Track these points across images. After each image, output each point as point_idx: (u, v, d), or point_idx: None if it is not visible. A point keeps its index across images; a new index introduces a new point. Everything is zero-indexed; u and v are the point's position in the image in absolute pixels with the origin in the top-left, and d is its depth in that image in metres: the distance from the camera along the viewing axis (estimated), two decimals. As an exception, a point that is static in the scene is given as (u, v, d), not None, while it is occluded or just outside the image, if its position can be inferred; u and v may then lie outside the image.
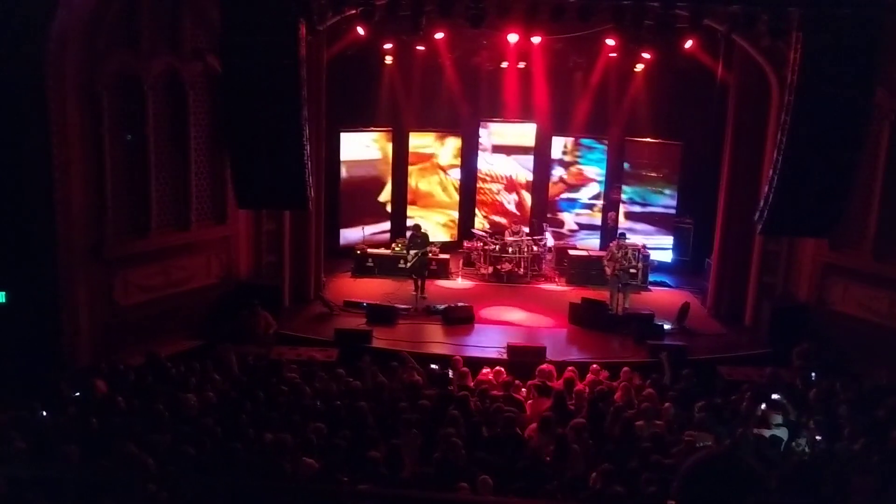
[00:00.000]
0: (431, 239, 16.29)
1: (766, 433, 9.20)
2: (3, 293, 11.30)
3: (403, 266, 15.97)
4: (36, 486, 6.62)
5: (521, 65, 17.73)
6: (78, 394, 9.58)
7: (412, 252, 15.43)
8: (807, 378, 11.68)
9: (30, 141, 11.27)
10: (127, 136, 12.73)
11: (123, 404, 9.06)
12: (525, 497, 7.02)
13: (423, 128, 18.33)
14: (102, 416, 8.72)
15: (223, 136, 12.76)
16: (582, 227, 18.58)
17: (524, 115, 18.49)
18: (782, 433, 9.24)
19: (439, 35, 15.79)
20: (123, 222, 12.78)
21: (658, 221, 17.92)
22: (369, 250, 17.19)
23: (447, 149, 18.63)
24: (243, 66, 11.25)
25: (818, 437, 9.02)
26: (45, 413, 8.62)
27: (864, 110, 11.14)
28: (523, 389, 10.87)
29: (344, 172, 17.56)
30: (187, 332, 13.26)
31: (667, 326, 14.18)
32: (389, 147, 18.21)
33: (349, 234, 17.72)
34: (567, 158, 18.62)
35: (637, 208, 18.09)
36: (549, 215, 18.57)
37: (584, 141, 18.36)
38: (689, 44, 14.69)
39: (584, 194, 18.60)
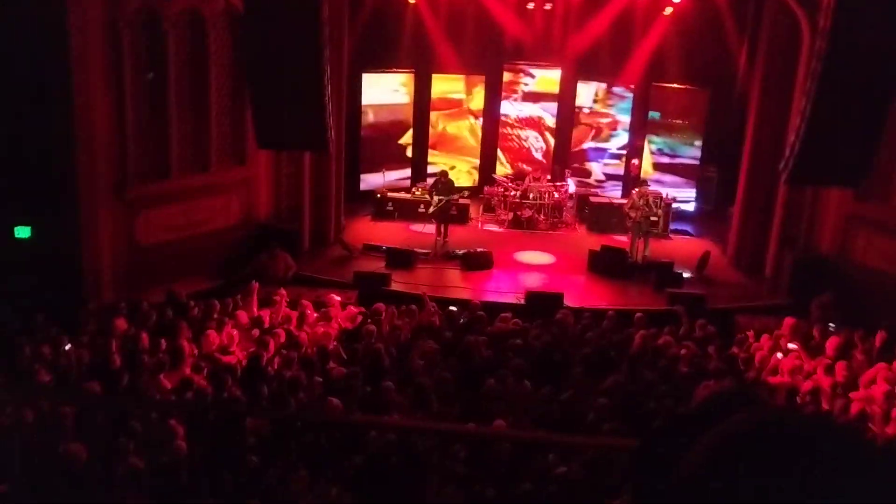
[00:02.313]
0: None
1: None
2: (28, 228, 11.45)
3: (424, 211, 15.92)
4: (61, 419, 6.78)
5: (548, 6, 17.40)
6: (100, 330, 9.72)
7: (437, 198, 15.35)
8: (825, 329, 11.61)
9: (52, 78, 11.27)
10: (148, 75, 12.69)
11: (147, 341, 9.20)
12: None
13: (446, 69, 18.08)
14: (125, 352, 8.87)
15: (244, 75, 12.68)
16: (609, 177, 18.37)
17: (549, 59, 18.18)
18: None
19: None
20: (145, 162, 12.82)
21: (685, 172, 17.67)
22: (389, 194, 17.15)
23: (478, 95, 18.41)
24: (265, 5, 11.13)
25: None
26: (68, 347, 8.76)
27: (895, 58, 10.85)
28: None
29: (370, 117, 17.43)
30: (207, 272, 13.37)
31: (686, 275, 14.12)
32: (411, 88, 17.98)
33: (370, 179, 17.66)
34: (598, 108, 18.32)
35: (665, 159, 17.84)
36: (575, 165, 18.35)
37: (616, 89, 18.03)
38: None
39: (614, 144, 18.35)
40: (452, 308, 11.84)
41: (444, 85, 18.17)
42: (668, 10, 16.89)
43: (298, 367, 8.85)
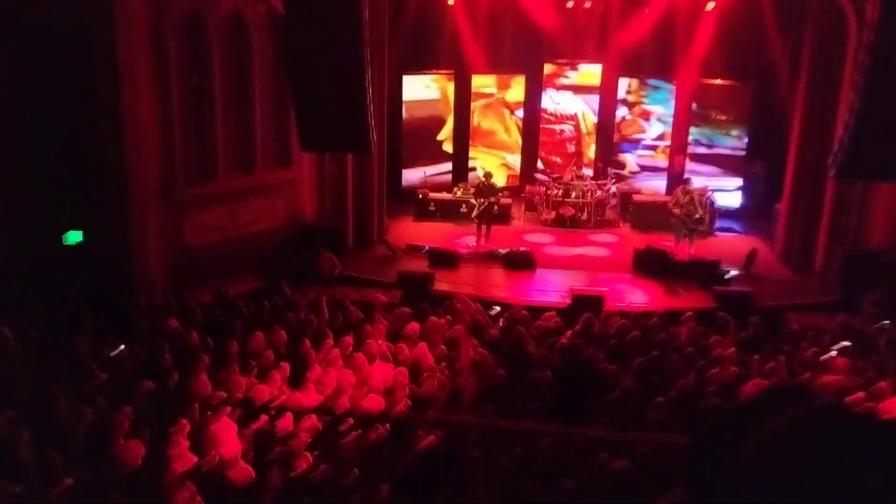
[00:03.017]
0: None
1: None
2: (81, 232, 11.71)
3: (466, 211, 15.93)
4: (118, 417, 6.93)
5: (588, 4, 17.31)
6: (152, 329, 9.90)
7: (480, 200, 15.33)
8: (878, 326, 11.39)
9: (100, 82, 11.51)
10: (193, 79, 12.90)
11: (197, 340, 9.35)
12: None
13: (485, 70, 18.06)
14: (176, 351, 9.02)
15: (286, 78, 12.82)
16: (644, 168, 18.20)
17: (590, 56, 18.07)
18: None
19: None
20: (192, 165, 13.03)
21: (724, 163, 17.43)
22: (431, 194, 17.19)
23: (515, 90, 18.37)
24: (306, 8, 11.25)
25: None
26: (123, 347, 8.93)
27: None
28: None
29: (405, 114, 17.49)
30: (253, 271, 13.54)
31: (734, 273, 13.93)
32: (450, 87, 17.99)
33: (410, 176, 17.73)
34: (631, 98, 18.18)
35: (702, 149, 17.61)
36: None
37: (651, 81, 17.87)
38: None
39: (648, 135, 18.19)
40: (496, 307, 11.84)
41: (478, 80, 18.12)
42: (711, 6, 16.67)
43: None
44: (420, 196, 17.10)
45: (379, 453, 6.98)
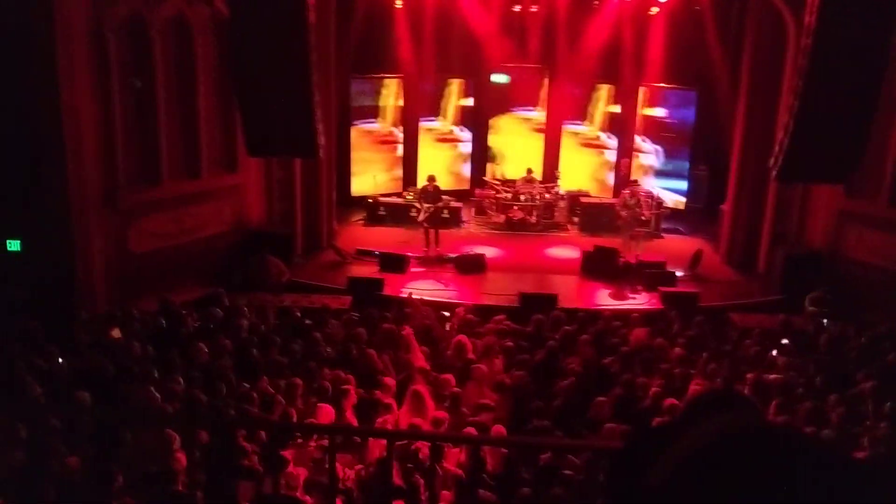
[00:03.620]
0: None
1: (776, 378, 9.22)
2: (19, 241, 11.40)
3: (415, 215, 15.93)
4: (54, 431, 6.74)
5: (534, 9, 17.45)
6: (93, 340, 9.68)
7: (426, 205, 15.32)
8: (819, 324, 11.66)
9: (39, 87, 11.22)
10: (136, 83, 12.66)
11: (138, 350, 9.16)
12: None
13: (433, 74, 18.08)
14: (118, 362, 8.82)
15: (232, 82, 12.65)
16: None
17: (537, 60, 18.20)
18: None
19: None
20: (135, 170, 12.79)
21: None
22: (381, 199, 17.15)
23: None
24: (251, 11, 11.11)
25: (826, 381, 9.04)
26: (61, 360, 8.71)
27: (882, 53, 10.91)
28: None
29: (355, 119, 17.41)
30: (200, 280, 13.33)
31: (679, 274, 14.15)
32: (399, 92, 17.97)
33: (361, 182, 17.65)
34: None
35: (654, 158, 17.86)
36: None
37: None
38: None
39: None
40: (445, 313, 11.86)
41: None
42: (654, 10, 16.95)
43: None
44: (370, 200, 17.04)
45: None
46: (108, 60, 11.92)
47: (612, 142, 18.19)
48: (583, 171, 18.31)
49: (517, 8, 17.50)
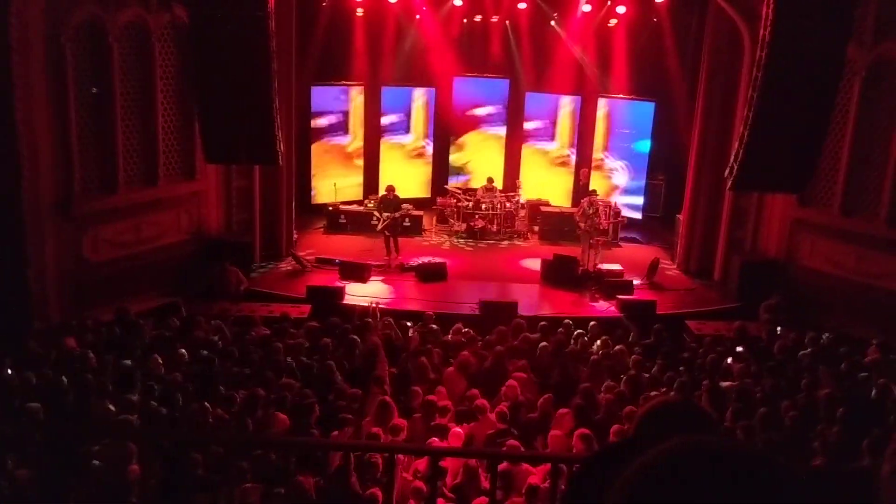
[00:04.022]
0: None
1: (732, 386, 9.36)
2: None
3: (376, 224, 15.90)
4: (4, 442, 6.60)
5: (495, 18, 17.58)
6: (47, 351, 9.49)
7: (385, 214, 15.30)
8: (773, 332, 11.87)
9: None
10: (93, 90, 12.49)
11: (94, 361, 9.01)
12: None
13: (395, 82, 18.11)
14: (73, 373, 8.67)
15: (191, 89, 12.55)
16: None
17: (498, 71, 18.34)
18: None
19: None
20: (92, 178, 12.61)
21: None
22: (342, 207, 17.10)
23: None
24: (211, 18, 11.04)
25: (780, 387, 9.20)
26: (10, 371, 8.53)
27: (835, 66, 11.17)
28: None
29: (316, 126, 17.34)
30: (158, 288, 13.17)
31: (637, 282, 14.31)
32: (361, 100, 17.96)
33: (321, 190, 17.58)
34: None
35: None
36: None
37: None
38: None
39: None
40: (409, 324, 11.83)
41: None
42: (613, 22, 17.17)
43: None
44: (330, 208, 16.98)
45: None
46: (64, 67, 11.75)
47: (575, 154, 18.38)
48: (555, 188, 18.38)
49: (478, 18, 17.59)
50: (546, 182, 18.42)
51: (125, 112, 12.86)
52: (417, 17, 17.47)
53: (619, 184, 17.90)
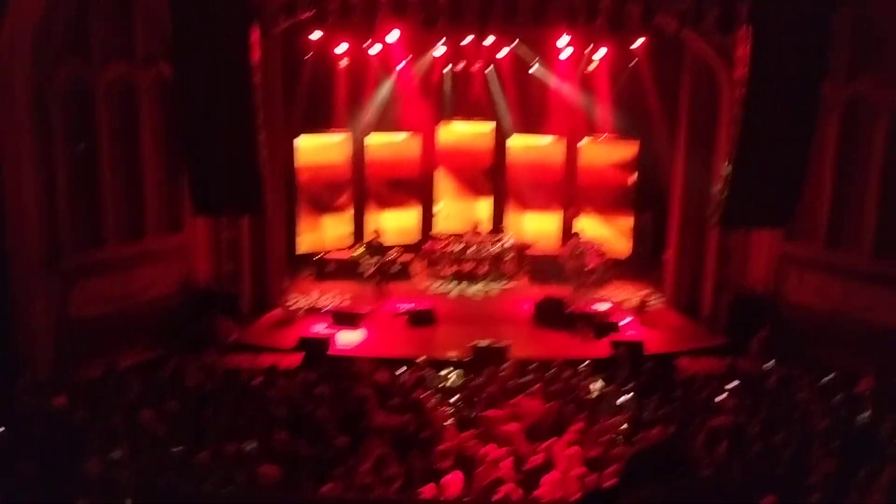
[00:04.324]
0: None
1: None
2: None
3: (364, 271, 15.91)
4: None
5: (478, 65, 17.84)
6: (36, 408, 9.40)
7: (372, 260, 15.33)
8: (764, 367, 11.88)
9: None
10: (79, 146, 12.55)
11: (82, 418, 8.91)
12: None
13: (381, 129, 18.26)
14: (61, 431, 8.57)
15: (178, 142, 12.63)
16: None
17: (484, 115, 18.54)
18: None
19: (394, 36, 15.72)
20: (79, 233, 12.60)
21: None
22: (330, 255, 17.12)
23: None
24: (196, 73, 11.17)
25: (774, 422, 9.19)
26: (2, 428, 8.43)
27: (812, 103, 11.37)
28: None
29: (303, 176, 17.42)
30: (147, 342, 13.08)
31: (626, 321, 14.32)
32: (349, 150, 18.08)
33: (310, 239, 17.60)
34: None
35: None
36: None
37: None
38: (640, 42, 15.00)
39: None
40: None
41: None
42: (593, 66, 17.42)
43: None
44: (319, 256, 17.00)
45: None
46: (50, 125, 11.83)
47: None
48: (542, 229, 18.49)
49: (460, 66, 17.85)
50: (532, 223, 18.52)
51: (112, 166, 12.91)
52: (399, 67, 17.69)
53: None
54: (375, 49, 16.88)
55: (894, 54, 12.37)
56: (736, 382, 10.88)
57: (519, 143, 18.49)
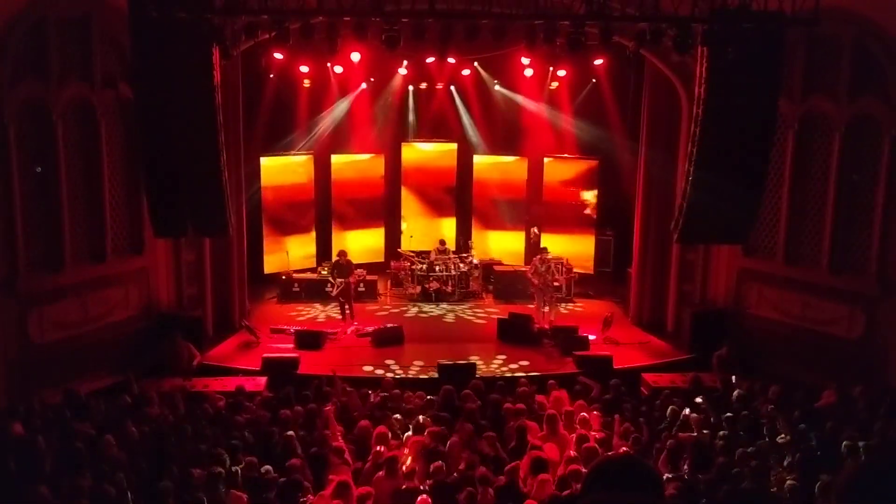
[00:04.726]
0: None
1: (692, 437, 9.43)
2: None
3: (330, 291, 15.85)
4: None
5: (440, 86, 17.95)
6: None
7: (339, 280, 15.28)
8: (727, 381, 12.02)
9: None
10: (37, 168, 12.37)
11: (43, 445, 8.74)
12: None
13: (344, 150, 18.27)
14: (21, 459, 8.39)
15: (138, 163, 12.48)
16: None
17: (445, 135, 18.65)
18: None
19: (356, 57, 15.77)
20: (37, 256, 12.38)
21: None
22: (295, 275, 17.02)
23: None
24: (156, 94, 11.04)
25: (740, 434, 9.30)
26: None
27: (768, 120, 11.59)
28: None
29: (267, 196, 17.35)
30: (108, 366, 12.85)
31: (591, 337, 14.42)
32: (312, 170, 18.06)
33: (274, 260, 17.50)
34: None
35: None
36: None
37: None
38: (599, 61, 15.23)
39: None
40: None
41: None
42: (555, 85, 17.62)
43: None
44: (283, 277, 16.89)
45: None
46: (7, 146, 11.64)
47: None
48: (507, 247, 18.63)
49: (423, 85, 17.93)
50: (497, 241, 18.63)
51: (71, 188, 12.73)
52: (363, 86, 17.73)
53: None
54: (338, 69, 16.90)
55: (846, 72, 12.69)
56: (700, 398, 10.99)
57: (483, 161, 18.65)
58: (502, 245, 18.71)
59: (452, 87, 18.23)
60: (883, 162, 12.47)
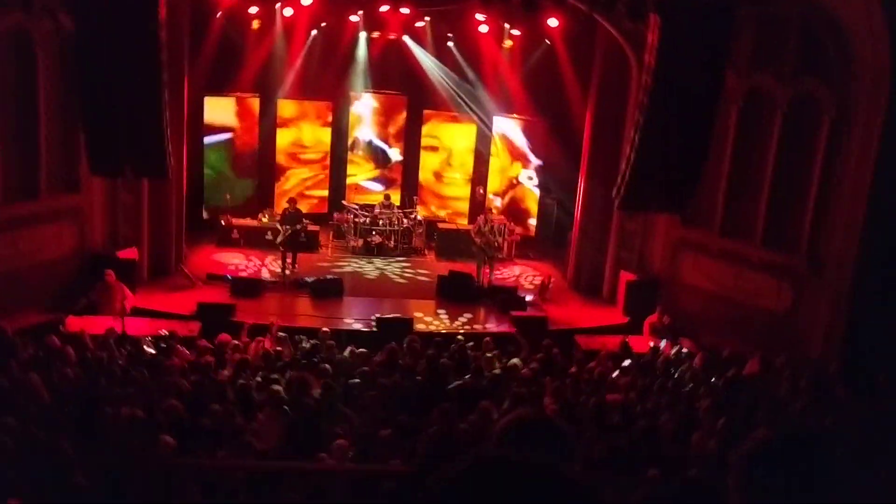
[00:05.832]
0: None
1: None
2: None
3: (272, 239, 15.69)
4: None
5: (392, 36, 17.69)
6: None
7: (285, 227, 15.13)
8: (656, 346, 12.33)
9: None
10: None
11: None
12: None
13: (292, 95, 17.96)
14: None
15: (76, 99, 12.09)
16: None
17: (395, 88, 18.46)
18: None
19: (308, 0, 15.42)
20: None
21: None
22: (234, 221, 16.80)
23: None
24: (98, 27, 10.70)
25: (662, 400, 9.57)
26: None
27: (714, 93, 11.76)
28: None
29: (208, 139, 17.00)
30: (38, 305, 12.58)
31: (529, 298, 14.61)
32: (257, 114, 17.74)
33: (215, 204, 17.23)
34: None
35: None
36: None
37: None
38: (554, 22, 15.17)
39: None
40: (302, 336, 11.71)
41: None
42: (508, 44, 17.53)
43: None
44: (223, 223, 16.65)
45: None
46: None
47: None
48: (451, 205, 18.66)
49: (376, 34, 17.66)
50: (442, 199, 18.66)
51: (5, 122, 12.28)
52: (314, 31, 17.39)
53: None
54: (288, 12, 16.52)
55: (792, 52, 12.88)
56: (628, 361, 11.26)
57: (432, 117, 18.56)
58: (447, 203, 18.73)
59: (406, 38, 17.95)
60: (820, 143, 12.74)
